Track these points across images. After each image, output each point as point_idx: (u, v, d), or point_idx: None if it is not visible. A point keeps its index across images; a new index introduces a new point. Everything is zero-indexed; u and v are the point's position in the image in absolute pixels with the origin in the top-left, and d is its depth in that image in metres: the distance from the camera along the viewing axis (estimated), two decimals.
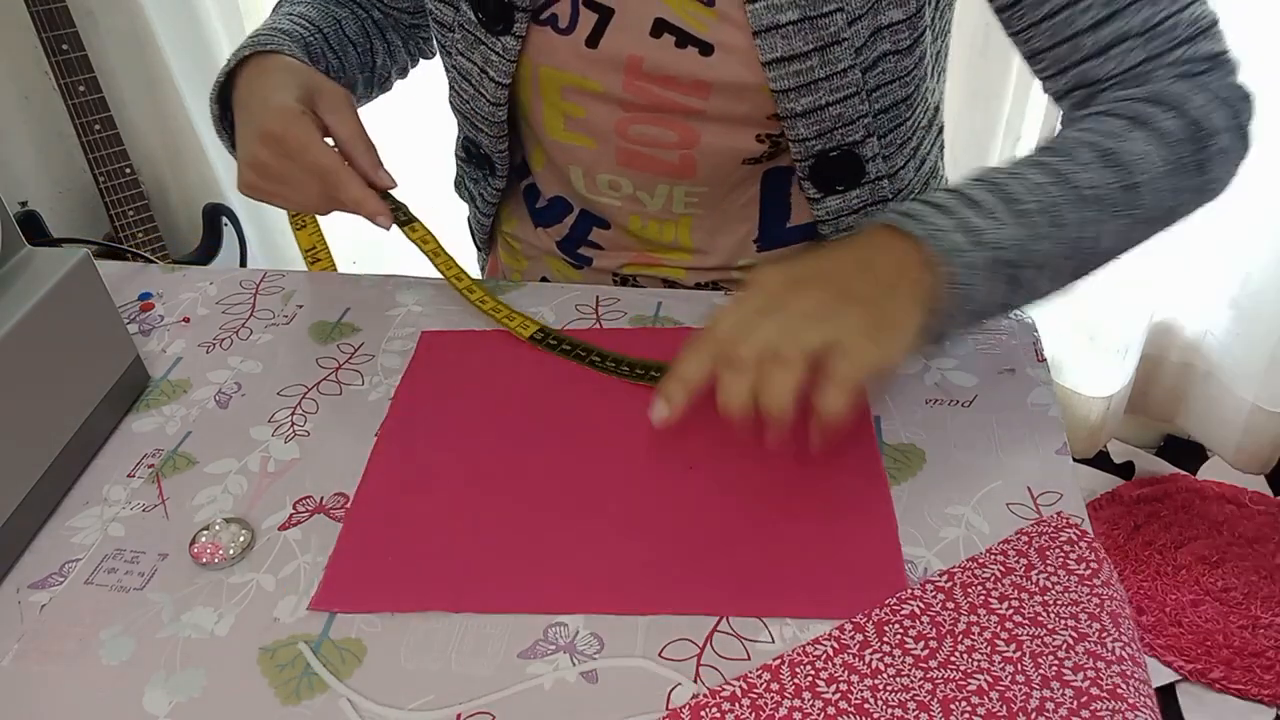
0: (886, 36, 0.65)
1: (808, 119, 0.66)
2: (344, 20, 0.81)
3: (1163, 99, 0.60)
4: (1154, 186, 0.58)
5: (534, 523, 0.55)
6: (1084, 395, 1.61)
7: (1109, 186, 0.57)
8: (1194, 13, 0.61)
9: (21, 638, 0.51)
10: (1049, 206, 0.56)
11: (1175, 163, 0.59)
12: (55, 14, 1.50)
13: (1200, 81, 0.62)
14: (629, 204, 0.77)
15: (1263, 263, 1.45)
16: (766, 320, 0.50)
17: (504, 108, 0.72)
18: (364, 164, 0.67)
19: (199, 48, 1.62)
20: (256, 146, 0.66)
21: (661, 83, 0.68)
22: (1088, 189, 0.56)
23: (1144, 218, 0.59)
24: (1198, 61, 0.62)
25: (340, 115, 0.68)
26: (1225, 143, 0.61)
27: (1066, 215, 0.56)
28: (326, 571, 0.53)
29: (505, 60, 0.69)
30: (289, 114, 0.65)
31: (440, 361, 0.67)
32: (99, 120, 1.59)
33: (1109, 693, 0.44)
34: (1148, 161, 0.58)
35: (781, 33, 0.62)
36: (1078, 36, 0.62)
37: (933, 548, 0.52)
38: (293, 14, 0.79)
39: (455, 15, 0.71)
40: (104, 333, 0.62)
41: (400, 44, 0.86)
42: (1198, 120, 0.59)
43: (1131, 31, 0.61)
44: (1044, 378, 0.62)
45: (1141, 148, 0.58)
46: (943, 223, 0.53)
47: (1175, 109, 0.59)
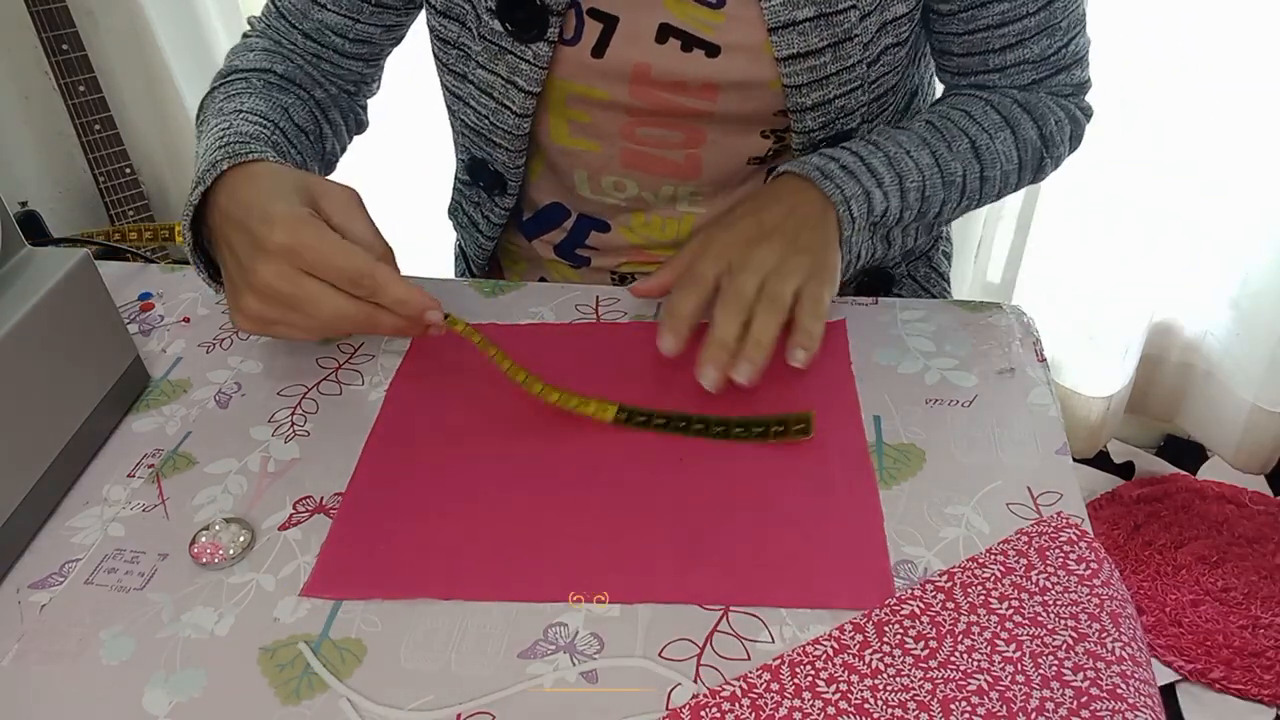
0: (890, 31, 0.66)
1: (815, 112, 0.67)
2: (291, 108, 0.72)
3: (1033, 110, 0.72)
4: (1000, 180, 0.72)
5: (527, 513, 0.55)
6: (1084, 395, 1.61)
7: (970, 176, 0.70)
8: (1076, 44, 0.72)
9: (21, 638, 0.51)
10: (923, 186, 0.68)
11: (1022, 164, 0.72)
12: (55, 14, 1.50)
13: (1061, 102, 0.74)
14: (632, 203, 0.77)
15: (1263, 263, 1.45)
16: (749, 272, 0.60)
17: (529, 119, 0.71)
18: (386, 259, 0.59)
19: (199, 48, 1.62)
20: (262, 268, 0.55)
21: (669, 88, 0.68)
22: (955, 176, 0.69)
23: (984, 199, 0.73)
24: (1068, 86, 0.74)
25: (352, 217, 0.58)
26: (1061, 152, 0.75)
27: (934, 195, 0.69)
28: (318, 559, 0.53)
29: (536, 68, 0.68)
30: (298, 221, 0.55)
31: (436, 354, 0.67)
32: (99, 120, 1.59)
33: (1109, 693, 0.44)
34: (1004, 160, 0.71)
35: (798, 29, 0.63)
36: (987, 54, 0.71)
37: (933, 548, 0.52)
38: (242, 110, 0.68)
39: (463, 31, 0.70)
40: (104, 333, 0.62)
41: (341, 122, 0.79)
42: (1051, 134, 0.73)
43: (1029, 58, 0.71)
44: (1044, 378, 0.62)
45: (1003, 148, 0.71)
46: (850, 189, 0.64)
47: (1038, 122, 0.72)
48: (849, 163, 0.66)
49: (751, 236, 0.62)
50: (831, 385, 0.62)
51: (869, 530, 0.53)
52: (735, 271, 0.60)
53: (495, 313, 0.71)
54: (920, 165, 0.68)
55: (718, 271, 0.61)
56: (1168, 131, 1.37)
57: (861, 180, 0.65)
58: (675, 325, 0.60)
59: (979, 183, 0.71)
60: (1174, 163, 1.38)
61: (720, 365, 0.58)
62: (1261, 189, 1.40)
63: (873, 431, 0.59)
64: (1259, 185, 1.40)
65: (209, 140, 0.64)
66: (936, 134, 0.69)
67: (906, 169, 0.67)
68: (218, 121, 0.67)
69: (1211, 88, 1.34)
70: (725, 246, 0.62)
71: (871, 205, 0.65)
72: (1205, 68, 1.33)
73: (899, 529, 0.53)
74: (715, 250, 0.62)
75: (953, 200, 0.71)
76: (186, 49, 1.61)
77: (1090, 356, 1.58)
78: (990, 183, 0.71)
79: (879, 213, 0.66)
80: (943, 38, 0.72)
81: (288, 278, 0.55)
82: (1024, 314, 0.68)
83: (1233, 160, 1.40)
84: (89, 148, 1.59)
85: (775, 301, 0.59)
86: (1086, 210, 1.44)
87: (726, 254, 0.61)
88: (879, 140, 0.68)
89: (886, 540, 0.52)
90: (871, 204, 0.65)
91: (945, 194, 0.69)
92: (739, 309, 0.59)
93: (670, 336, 0.60)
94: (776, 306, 0.59)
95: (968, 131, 0.70)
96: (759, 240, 0.62)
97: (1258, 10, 1.28)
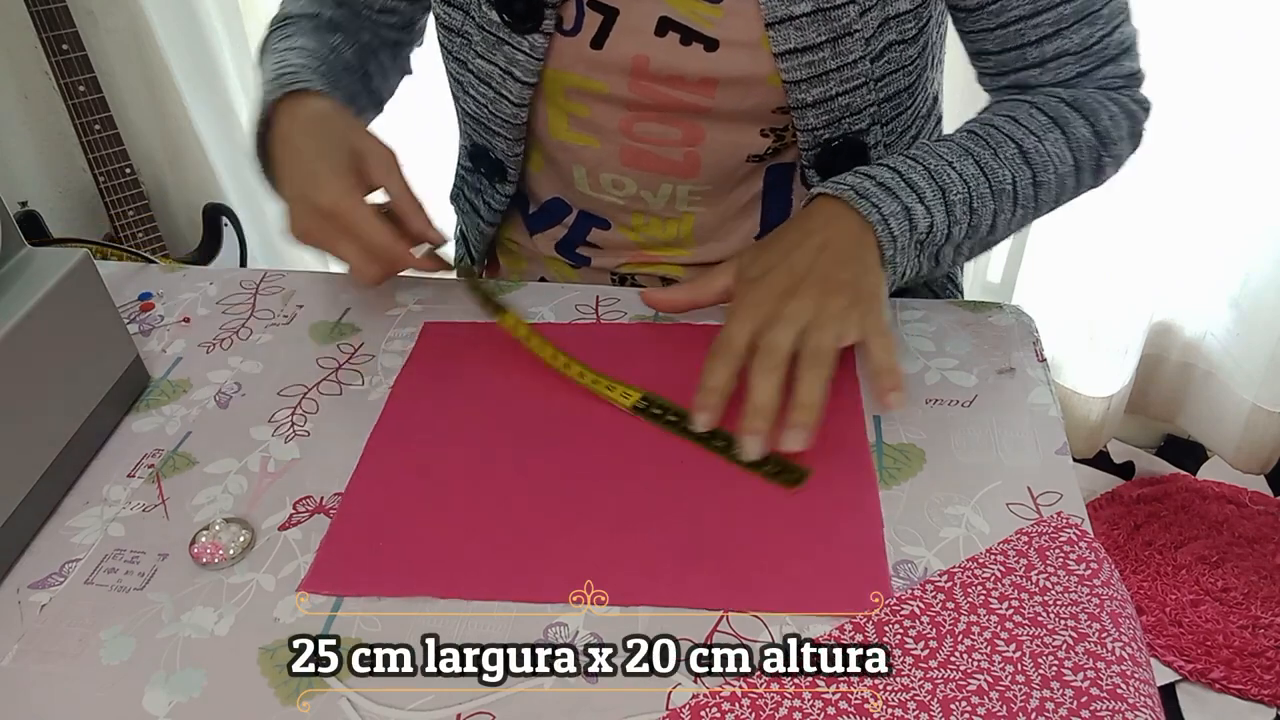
0: (894, 27, 0.66)
1: (817, 109, 0.67)
2: (338, 47, 0.79)
3: (1082, 107, 0.68)
4: (1056, 185, 0.67)
5: (527, 514, 0.55)
6: (1084, 395, 1.61)
7: (1021, 183, 0.66)
8: (1122, 33, 0.69)
9: (21, 638, 0.51)
10: (969, 198, 0.64)
11: (1078, 165, 0.68)
12: (55, 14, 1.50)
13: (1113, 95, 0.70)
14: (632, 202, 0.77)
15: (1263, 263, 1.45)
16: (782, 329, 0.56)
17: (526, 108, 0.72)
18: (417, 224, 0.65)
19: (199, 48, 1.62)
20: (308, 216, 0.65)
21: (667, 82, 0.68)
22: (1004, 184, 0.65)
23: (1041, 208, 0.68)
24: (1118, 78, 0.70)
25: (389, 178, 0.65)
26: (1121, 150, 0.70)
27: (983, 207, 0.65)
28: (317, 555, 0.53)
29: (532, 59, 0.69)
30: (338, 189, 0.63)
31: (441, 352, 0.67)
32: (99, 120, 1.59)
33: (1109, 693, 0.44)
34: (1056, 162, 0.66)
35: (795, 24, 0.63)
36: (1024, 48, 0.68)
37: (933, 548, 0.52)
38: (294, 47, 0.75)
39: (465, 19, 0.71)
40: (104, 333, 0.62)
41: (389, 64, 0.85)
42: (1106, 130, 0.68)
43: (1070, 49, 0.68)
44: (1044, 378, 0.62)
45: (1054, 149, 0.66)
46: (888, 207, 0.61)
47: (1089, 119, 0.67)
48: (886, 179, 0.62)
49: (784, 288, 0.58)
50: (835, 388, 0.62)
51: (868, 536, 0.52)
52: (769, 329, 0.56)
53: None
54: (965, 176, 0.64)
55: (752, 331, 0.56)
56: (1168, 132, 1.37)
57: (900, 196, 0.61)
58: (707, 399, 0.56)
59: (1032, 189, 0.66)
60: (1175, 163, 1.38)
61: (760, 434, 0.54)
62: (1261, 189, 1.40)
63: (873, 431, 0.59)
64: (1259, 185, 1.40)
65: (266, 74, 0.72)
66: (980, 142, 0.66)
67: (949, 181, 0.63)
68: (273, 58, 0.74)
69: (1211, 88, 1.34)
70: (755, 305, 0.58)
71: (913, 222, 0.62)
72: (1205, 68, 1.33)
73: (899, 529, 0.53)
74: (746, 309, 0.58)
75: (1006, 211, 0.66)
76: (186, 49, 1.61)
77: (1090, 356, 1.58)
78: (1045, 188, 0.67)
79: (923, 229, 0.62)
80: (976, 37, 0.70)
81: (326, 232, 0.64)
82: (1024, 314, 0.68)
83: (1233, 160, 1.40)
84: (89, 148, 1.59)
85: (818, 356, 0.55)
86: (1086, 211, 1.44)
87: (757, 313, 0.57)
88: (918, 154, 0.65)
89: (885, 546, 0.52)
90: (913, 220, 0.61)
91: (996, 204, 0.65)
92: (776, 370, 0.55)
93: (704, 414, 0.56)
94: (820, 360, 0.55)
95: (1013, 136, 0.66)
96: (791, 291, 0.58)
97: (1257, 11, 1.28)
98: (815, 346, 0.55)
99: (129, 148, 1.64)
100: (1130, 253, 1.47)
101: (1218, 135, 1.37)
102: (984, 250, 0.70)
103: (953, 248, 0.65)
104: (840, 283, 0.58)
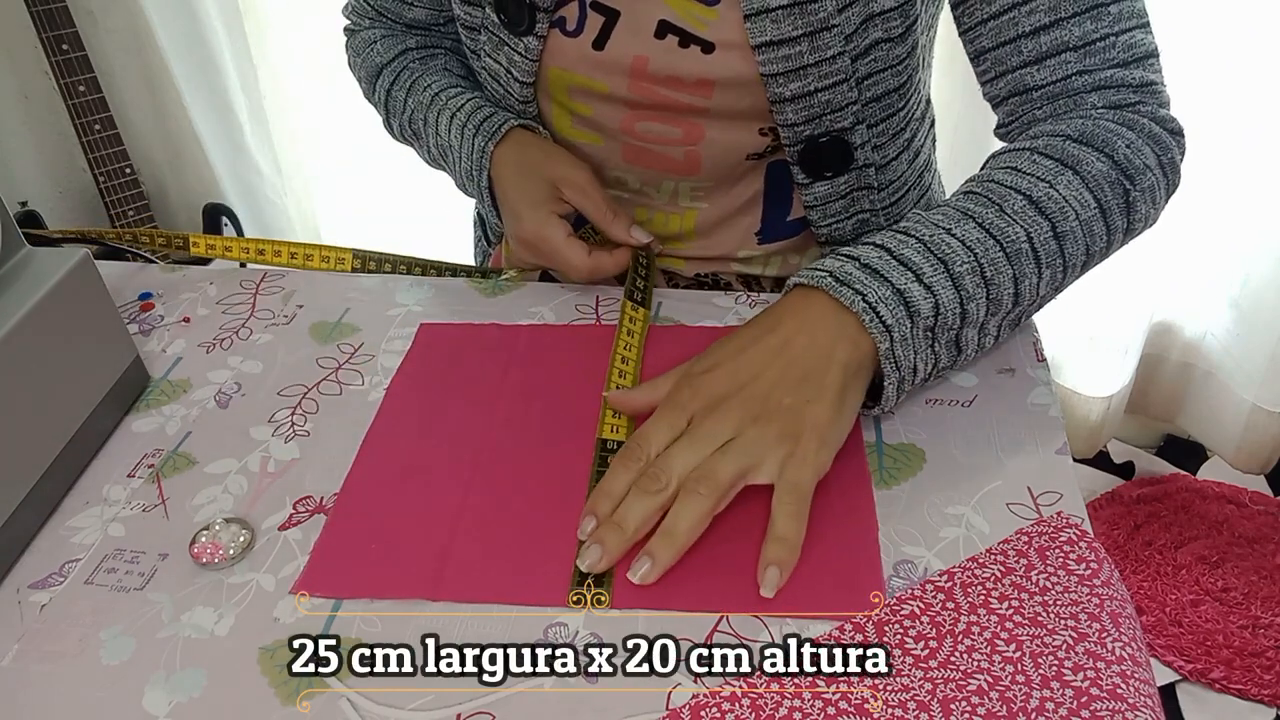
0: (878, 24, 0.65)
1: (796, 104, 0.66)
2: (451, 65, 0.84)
3: (1092, 140, 0.60)
4: (1082, 233, 0.59)
5: (523, 517, 0.55)
6: (1084, 395, 1.61)
7: (1040, 238, 0.57)
8: (1134, 38, 0.63)
9: (21, 638, 0.51)
10: (979, 267, 0.56)
11: (1102, 206, 0.59)
12: (55, 14, 1.50)
13: (1128, 117, 0.63)
14: (635, 198, 0.78)
15: (1263, 263, 1.45)
16: (684, 447, 0.52)
17: (533, 105, 0.74)
18: (618, 232, 0.72)
19: (199, 48, 1.62)
20: (520, 249, 0.73)
21: (666, 83, 0.68)
22: (1019, 244, 0.57)
23: (1072, 264, 0.59)
24: (1128, 89, 0.64)
25: (584, 199, 0.71)
26: (1151, 180, 0.61)
27: (999, 275, 0.56)
28: (311, 555, 0.53)
29: (527, 60, 0.71)
30: (535, 220, 0.71)
31: (437, 353, 0.67)
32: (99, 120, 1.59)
33: (1109, 693, 0.44)
34: (1077, 207, 0.58)
35: (771, 16, 0.63)
36: (1019, 40, 0.64)
37: (933, 548, 0.52)
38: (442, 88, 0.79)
39: (482, 17, 0.73)
40: (104, 333, 0.62)
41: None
42: (1126, 160, 0.60)
43: (1069, 43, 0.63)
44: (1044, 378, 0.62)
45: (1069, 193, 0.58)
46: (873, 293, 0.54)
47: (1104, 151, 0.60)
48: (871, 259, 0.55)
49: (713, 397, 0.53)
50: None
51: (865, 537, 0.52)
52: (674, 445, 0.52)
53: (495, 313, 0.71)
54: (967, 241, 0.56)
55: (671, 435, 0.53)
56: None
57: (891, 278, 0.54)
58: (596, 504, 0.52)
59: (1055, 243, 0.57)
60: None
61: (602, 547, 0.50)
62: (1261, 189, 1.40)
63: (873, 431, 0.59)
64: (1259, 185, 1.40)
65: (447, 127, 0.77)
66: (980, 200, 0.58)
67: (950, 251, 0.55)
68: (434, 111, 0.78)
69: (1211, 88, 1.34)
70: (675, 408, 0.53)
71: (911, 307, 0.54)
72: (1204, 68, 1.33)
73: (899, 529, 0.53)
74: (664, 411, 0.54)
75: (1030, 275, 0.57)
76: (186, 49, 1.61)
77: (1090, 356, 1.58)
78: (1071, 239, 0.58)
79: (928, 313, 0.54)
80: (972, 33, 0.66)
81: (537, 259, 0.73)
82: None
83: (1233, 161, 1.40)
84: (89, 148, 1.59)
85: (704, 482, 0.50)
86: None
87: (673, 419, 0.53)
88: (908, 225, 0.57)
89: (880, 551, 0.52)
90: (910, 305, 0.54)
91: (1015, 269, 0.56)
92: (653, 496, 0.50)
93: (588, 519, 0.52)
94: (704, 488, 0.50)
95: (1018, 187, 0.58)
96: (717, 404, 0.52)
97: (1257, 11, 1.28)
98: (706, 472, 0.50)
99: (129, 148, 1.64)
100: (1130, 253, 1.46)
101: (1218, 135, 1.38)
102: (1016, 327, 0.62)
103: (975, 329, 0.58)
104: (777, 408, 0.52)
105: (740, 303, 0.71)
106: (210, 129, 1.68)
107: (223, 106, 1.67)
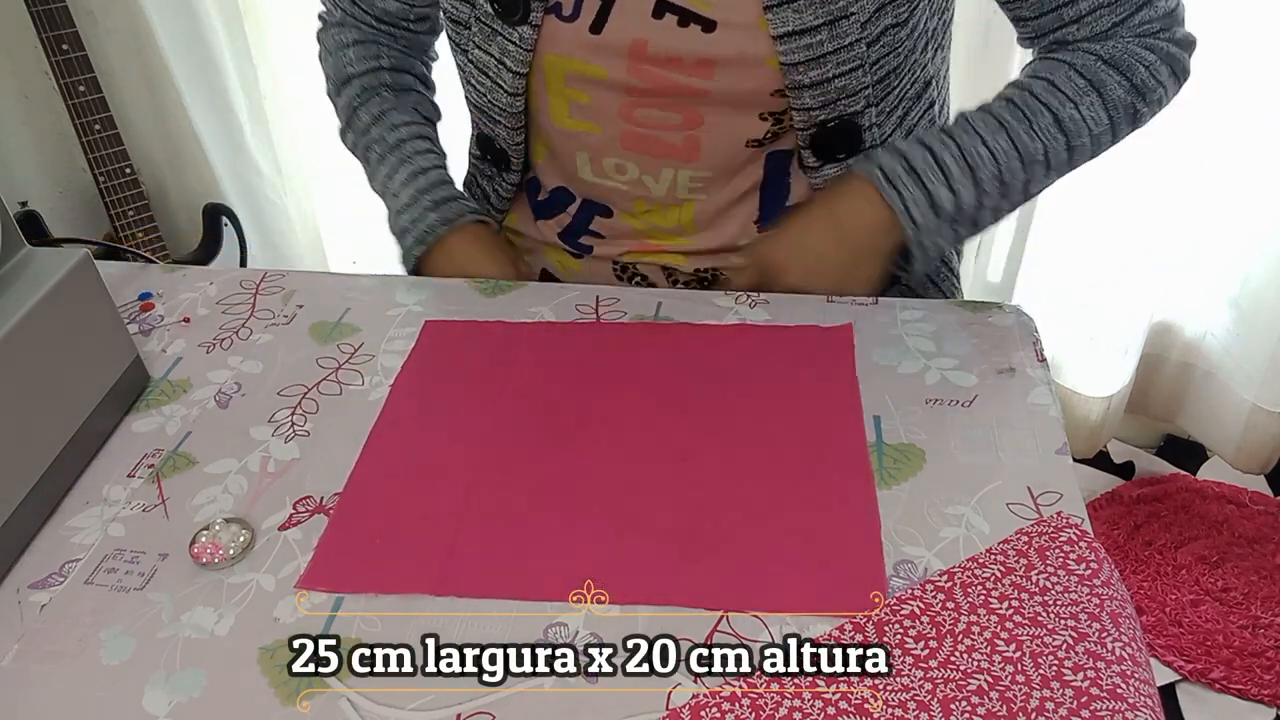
0: (889, 11, 0.67)
1: (814, 91, 0.68)
2: (419, 104, 0.87)
3: (1119, 63, 0.71)
4: (1091, 144, 0.72)
5: (525, 513, 0.55)
6: (1084, 395, 1.61)
7: (1054, 149, 0.70)
8: None
9: (21, 638, 0.51)
10: (1000, 174, 0.70)
11: (1114, 123, 0.72)
12: (55, 14, 1.50)
13: (1151, 42, 0.72)
14: (634, 188, 0.78)
15: (1263, 263, 1.45)
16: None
17: (522, 98, 0.74)
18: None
19: (199, 48, 1.61)
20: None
21: (666, 64, 0.68)
22: (1036, 156, 0.70)
23: (1076, 165, 0.73)
24: (1154, 20, 0.72)
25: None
26: (1163, 94, 0.74)
27: (1014, 179, 0.71)
28: (316, 552, 0.53)
29: (521, 49, 0.70)
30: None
31: (441, 350, 0.67)
32: (99, 120, 1.58)
33: (1109, 693, 0.44)
34: (1090, 125, 0.71)
35: (793, 7, 0.64)
36: (1060, 9, 0.71)
37: (933, 548, 0.52)
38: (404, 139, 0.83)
39: (471, 11, 0.72)
40: (104, 333, 0.62)
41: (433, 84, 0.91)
42: (1143, 82, 0.71)
43: (1104, 1, 0.70)
44: (1044, 378, 0.62)
45: (1089, 113, 0.71)
46: (909, 194, 0.69)
47: (1126, 74, 0.71)
48: (917, 160, 0.70)
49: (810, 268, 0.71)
50: (835, 390, 0.62)
51: (867, 536, 0.52)
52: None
53: (496, 313, 0.71)
54: (995, 152, 0.69)
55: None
56: (1168, 132, 1.37)
57: (926, 181, 0.69)
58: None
59: (1066, 154, 0.71)
60: (1174, 163, 1.38)
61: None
62: (1261, 189, 1.40)
63: (873, 431, 0.59)
64: (1259, 185, 1.40)
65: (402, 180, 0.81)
66: (1017, 113, 0.71)
67: (979, 159, 0.69)
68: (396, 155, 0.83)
69: (1211, 88, 1.34)
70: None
71: (936, 205, 0.69)
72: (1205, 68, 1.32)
73: (899, 529, 0.53)
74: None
75: (1038, 176, 0.72)
76: (186, 49, 1.61)
77: (1090, 356, 1.58)
78: (1079, 150, 0.72)
79: (949, 209, 0.70)
80: (1014, 5, 0.73)
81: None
82: (1024, 314, 0.68)
83: (1232, 160, 1.39)
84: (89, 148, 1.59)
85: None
86: (1086, 210, 1.44)
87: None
88: (955, 130, 0.71)
89: (883, 549, 0.52)
90: (936, 203, 0.69)
91: (1028, 174, 0.71)
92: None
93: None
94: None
95: (1049, 104, 0.70)
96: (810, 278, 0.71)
97: (1257, 11, 1.28)
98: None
99: (129, 148, 1.64)
100: (1130, 253, 1.47)
101: (1218, 135, 1.37)
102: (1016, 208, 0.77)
103: (990, 212, 0.73)
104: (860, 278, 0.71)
105: (740, 303, 0.71)
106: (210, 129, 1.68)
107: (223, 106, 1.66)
